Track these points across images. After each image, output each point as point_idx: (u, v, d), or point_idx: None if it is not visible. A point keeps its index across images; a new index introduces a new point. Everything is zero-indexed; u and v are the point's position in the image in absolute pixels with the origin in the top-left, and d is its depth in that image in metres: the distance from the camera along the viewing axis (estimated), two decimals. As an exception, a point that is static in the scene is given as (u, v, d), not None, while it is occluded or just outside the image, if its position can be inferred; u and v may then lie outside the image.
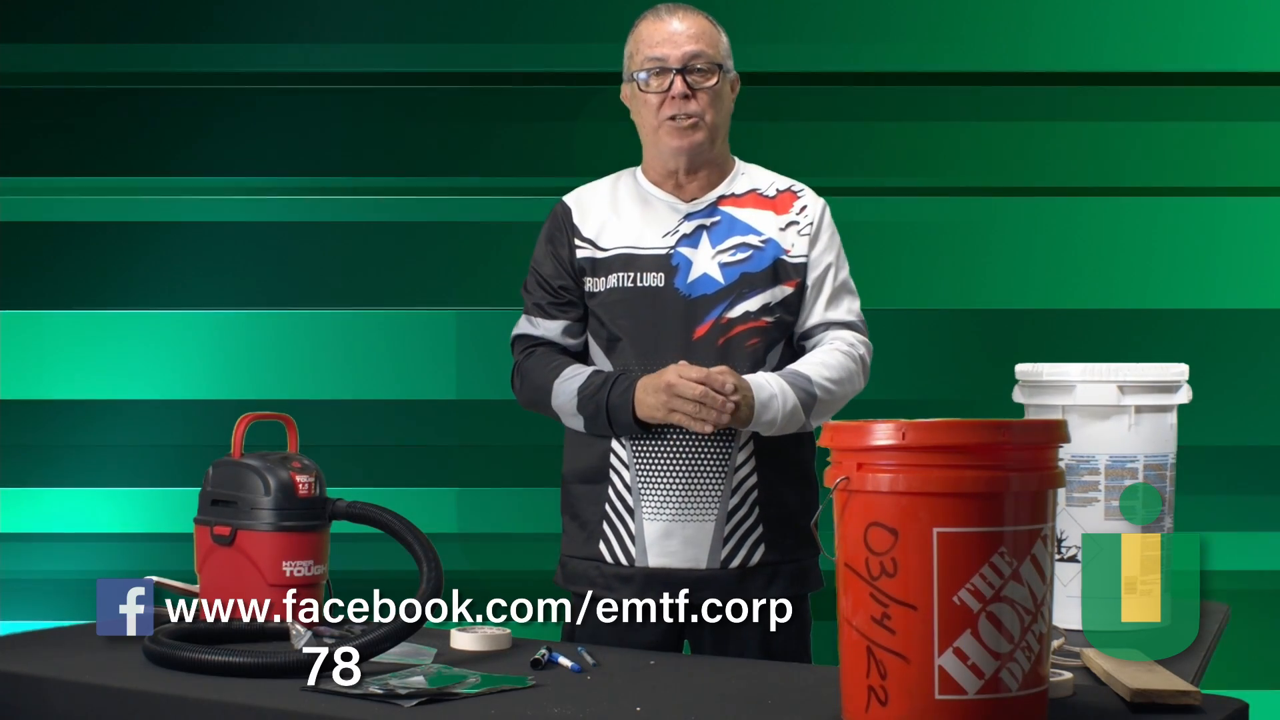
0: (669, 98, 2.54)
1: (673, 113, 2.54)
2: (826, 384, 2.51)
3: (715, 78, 2.55)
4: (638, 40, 2.59)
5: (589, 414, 2.51)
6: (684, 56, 2.54)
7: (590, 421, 2.52)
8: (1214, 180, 4.17)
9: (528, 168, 4.18)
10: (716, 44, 2.58)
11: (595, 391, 2.50)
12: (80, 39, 4.25)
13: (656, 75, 2.55)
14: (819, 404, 2.50)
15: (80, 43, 4.25)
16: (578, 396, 2.52)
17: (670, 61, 2.54)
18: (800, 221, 2.61)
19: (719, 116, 2.58)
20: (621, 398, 2.47)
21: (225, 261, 4.25)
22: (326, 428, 3.84)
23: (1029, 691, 1.76)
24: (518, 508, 4.12)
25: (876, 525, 1.75)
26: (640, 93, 2.57)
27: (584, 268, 2.60)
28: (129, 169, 4.25)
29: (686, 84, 2.54)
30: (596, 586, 2.55)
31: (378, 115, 4.27)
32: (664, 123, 2.55)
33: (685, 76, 2.54)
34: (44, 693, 2.12)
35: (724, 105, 2.59)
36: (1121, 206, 4.20)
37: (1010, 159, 4.21)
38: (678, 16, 2.58)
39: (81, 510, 4.21)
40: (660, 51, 2.55)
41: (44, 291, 4.25)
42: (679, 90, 2.54)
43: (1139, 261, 4.19)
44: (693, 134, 2.55)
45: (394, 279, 4.26)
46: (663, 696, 1.99)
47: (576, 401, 2.52)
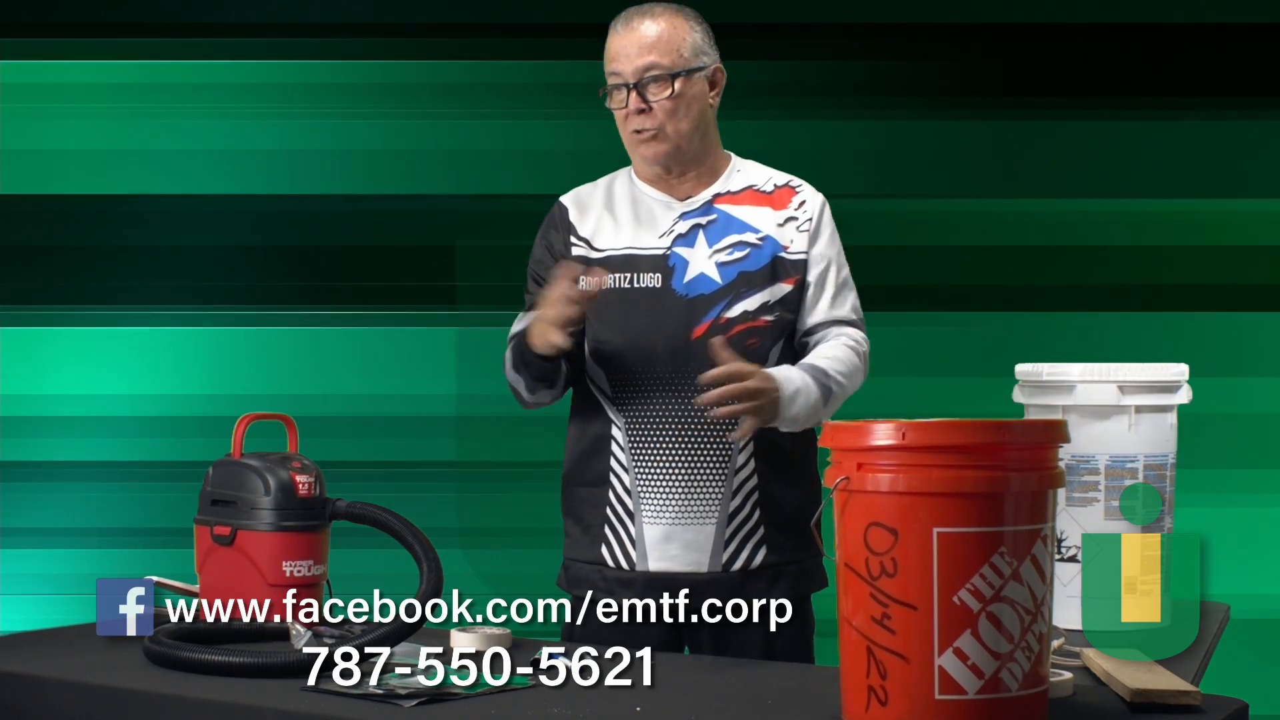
0: (629, 113, 2.54)
1: (634, 126, 2.54)
2: (840, 379, 2.49)
3: (669, 88, 2.52)
4: (606, 53, 2.57)
5: (516, 358, 2.52)
6: (637, 71, 2.52)
7: (515, 369, 2.53)
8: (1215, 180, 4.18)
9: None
10: (676, 48, 2.52)
11: (512, 337, 2.53)
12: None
13: (616, 90, 2.54)
14: (834, 398, 2.49)
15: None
16: (510, 348, 2.53)
17: (625, 76, 2.53)
18: (799, 217, 2.59)
19: (684, 123, 2.54)
20: (524, 329, 2.48)
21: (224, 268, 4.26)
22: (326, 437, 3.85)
23: (1029, 691, 1.76)
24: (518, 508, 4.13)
25: (876, 525, 1.75)
26: (610, 106, 2.57)
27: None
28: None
29: (642, 98, 2.52)
30: (598, 589, 2.55)
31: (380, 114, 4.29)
32: (629, 134, 2.56)
33: (640, 90, 2.52)
34: (44, 693, 2.12)
35: (691, 109, 2.54)
36: (1122, 206, 4.20)
37: (1015, 159, 4.22)
38: (633, 24, 2.54)
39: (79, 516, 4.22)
40: (615, 66, 2.54)
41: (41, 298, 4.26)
42: (634, 106, 2.52)
43: (1140, 262, 4.20)
44: (654, 145, 2.54)
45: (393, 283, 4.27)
46: (663, 696, 1.98)
47: (510, 355, 2.53)
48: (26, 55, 4.26)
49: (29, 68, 4.27)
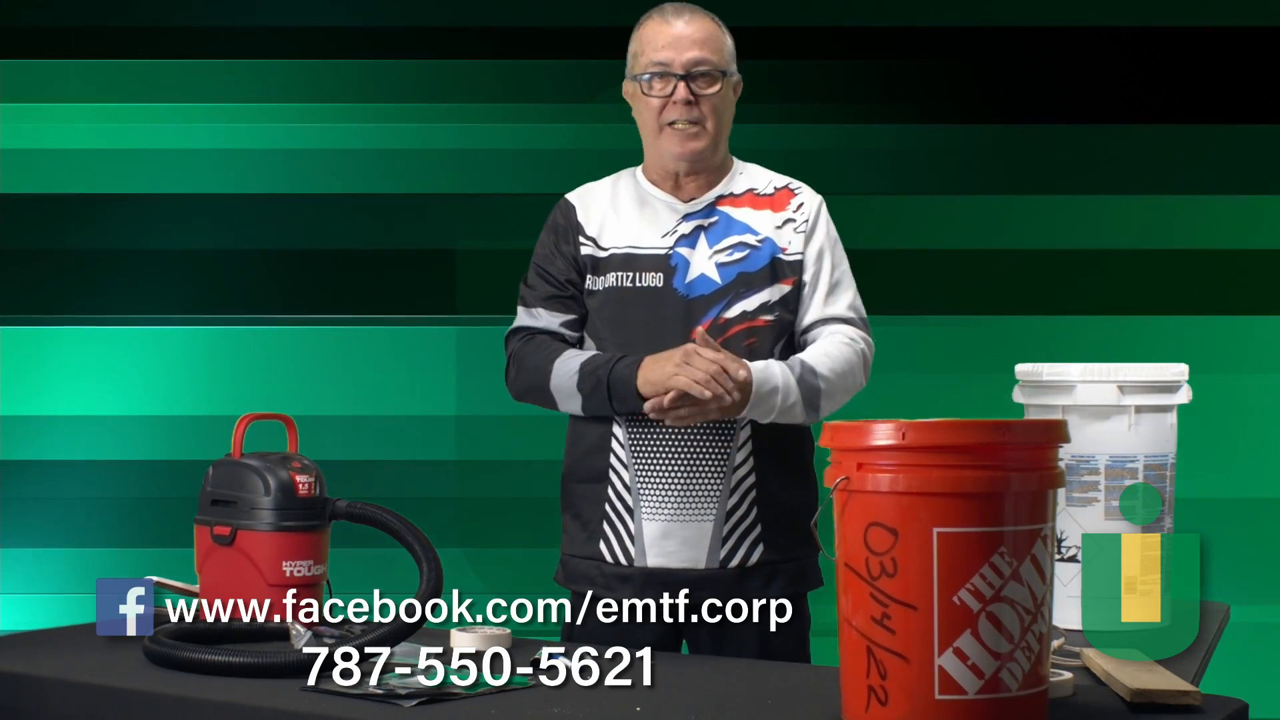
0: (671, 102, 2.54)
1: (674, 117, 2.54)
2: (829, 374, 2.50)
3: (718, 84, 2.55)
4: (642, 40, 2.59)
5: (588, 389, 2.50)
6: (688, 62, 2.53)
7: (588, 398, 2.51)
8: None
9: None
10: (721, 49, 2.56)
11: (598, 367, 2.50)
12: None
13: (660, 79, 2.55)
14: (822, 396, 2.50)
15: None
16: (579, 373, 2.51)
17: (674, 67, 2.54)
18: (796, 219, 2.60)
19: (720, 123, 2.57)
20: (627, 370, 2.47)
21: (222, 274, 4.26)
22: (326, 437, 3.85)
23: (1029, 691, 1.76)
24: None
25: (876, 525, 1.75)
26: (643, 95, 2.57)
27: (586, 265, 2.60)
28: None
29: (690, 90, 2.54)
30: (596, 586, 2.55)
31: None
32: (665, 127, 2.55)
33: (689, 83, 2.54)
34: (44, 693, 2.12)
35: (726, 112, 2.59)
36: (1120, 206, 4.20)
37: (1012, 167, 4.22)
38: (684, 19, 2.57)
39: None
40: (665, 55, 2.54)
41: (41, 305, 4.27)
42: (681, 96, 2.53)
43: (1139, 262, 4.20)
44: (695, 141, 2.55)
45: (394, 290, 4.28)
46: (663, 696, 1.99)
47: (577, 378, 2.51)
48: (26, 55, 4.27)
49: (29, 68, 4.27)
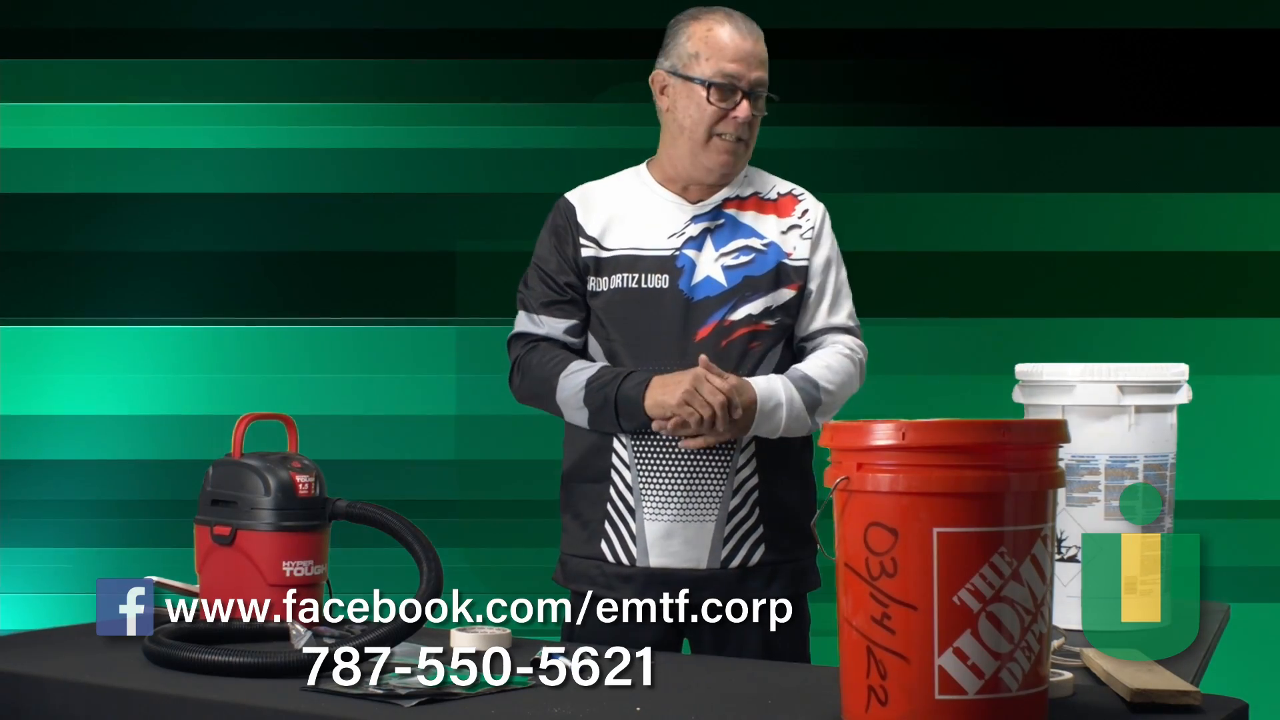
0: (731, 116, 2.53)
1: (727, 131, 2.54)
2: (831, 387, 2.53)
3: (766, 108, 2.57)
4: (709, 44, 2.54)
5: (595, 406, 2.50)
6: (755, 82, 2.54)
7: (595, 414, 2.51)
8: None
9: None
10: (768, 69, 2.57)
11: (605, 384, 2.50)
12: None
13: (727, 90, 2.53)
14: (823, 407, 2.53)
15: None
16: (585, 389, 2.51)
17: (743, 83, 2.53)
18: (802, 225, 2.61)
19: (755, 141, 2.59)
20: (635, 389, 2.47)
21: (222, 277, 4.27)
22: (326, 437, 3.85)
23: (1029, 691, 1.76)
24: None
25: (876, 525, 1.75)
26: (697, 99, 2.54)
27: (588, 266, 2.59)
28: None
29: (754, 107, 2.54)
30: (597, 585, 2.55)
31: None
32: (714, 137, 2.55)
33: (753, 100, 2.54)
34: (44, 693, 2.12)
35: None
36: (1121, 207, 4.20)
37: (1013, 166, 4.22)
38: (754, 35, 2.55)
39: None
40: (736, 69, 2.52)
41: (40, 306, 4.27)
42: (745, 115, 2.53)
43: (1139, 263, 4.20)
44: (738, 158, 2.57)
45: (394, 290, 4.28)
46: (663, 696, 1.98)
47: (584, 394, 2.51)
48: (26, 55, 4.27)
49: (29, 68, 4.27)
